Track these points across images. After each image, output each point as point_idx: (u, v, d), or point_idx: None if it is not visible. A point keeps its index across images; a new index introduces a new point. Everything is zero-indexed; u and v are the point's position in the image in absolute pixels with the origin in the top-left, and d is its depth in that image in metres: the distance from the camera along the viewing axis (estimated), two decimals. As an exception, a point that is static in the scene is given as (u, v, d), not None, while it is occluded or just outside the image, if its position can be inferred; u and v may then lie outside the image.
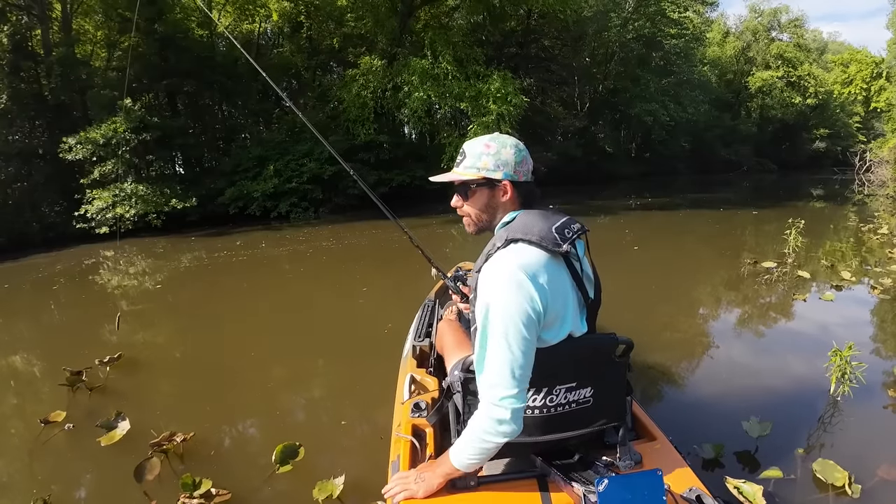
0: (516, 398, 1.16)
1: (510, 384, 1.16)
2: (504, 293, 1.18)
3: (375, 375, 3.23)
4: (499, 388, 1.16)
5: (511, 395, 1.16)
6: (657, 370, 3.24)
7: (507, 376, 1.16)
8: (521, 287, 1.18)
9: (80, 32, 15.90)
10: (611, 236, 9.10)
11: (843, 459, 2.10)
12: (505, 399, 1.16)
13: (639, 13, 23.81)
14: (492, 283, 1.20)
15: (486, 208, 1.38)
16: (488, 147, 1.34)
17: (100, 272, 8.72)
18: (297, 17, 18.19)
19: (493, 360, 1.17)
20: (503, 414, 1.16)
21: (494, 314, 1.18)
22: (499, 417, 1.16)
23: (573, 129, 25.43)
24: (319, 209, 14.58)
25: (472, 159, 1.36)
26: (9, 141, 12.64)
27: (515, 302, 1.17)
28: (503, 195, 1.36)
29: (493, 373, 1.17)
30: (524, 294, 1.17)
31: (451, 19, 17.97)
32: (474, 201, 1.39)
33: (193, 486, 2.13)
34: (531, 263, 1.21)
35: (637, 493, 1.15)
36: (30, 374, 4.10)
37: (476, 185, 1.36)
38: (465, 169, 1.37)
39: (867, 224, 8.94)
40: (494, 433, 1.17)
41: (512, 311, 1.16)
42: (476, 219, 1.41)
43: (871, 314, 4.30)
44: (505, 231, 1.29)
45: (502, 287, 1.18)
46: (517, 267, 1.19)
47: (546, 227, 1.26)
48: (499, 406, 1.16)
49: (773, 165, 34.95)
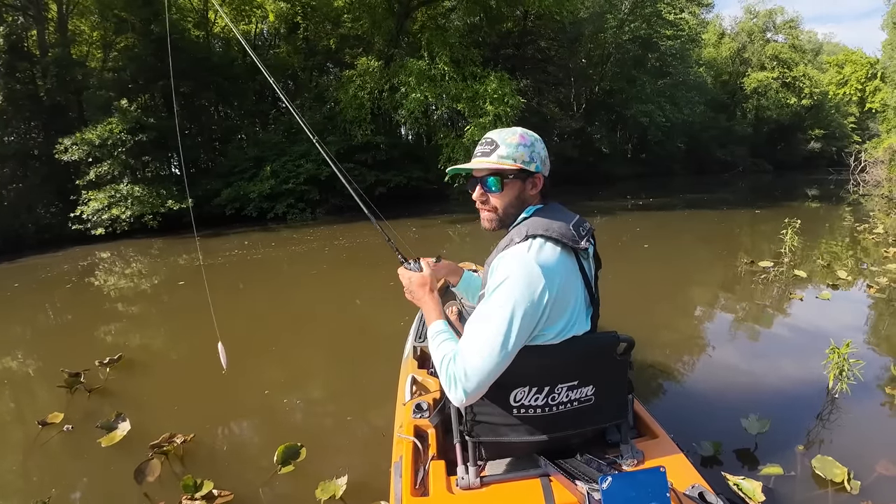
0: (474, 387, 1.17)
1: (481, 369, 1.16)
2: (518, 280, 1.19)
3: (376, 376, 3.23)
4: (475, 359, 1.17)
5: (473, 383, 1.17)
6: (656, 368, 3.26)
7: (487, 354, 1.16)
8: (535, 280, 1.19)
9: (76, 33, 15.85)
10: (610, 237, 9.13)
11: (842, 456, 2.12)
12: (470, 380, 1.16)
13: (635, 15, 23.92)
14: (509, 269, 1.21)
15: (515, 201, 1.36)
16: (523, 139, 1.33)
17: (96, 273, 8.68)
18: (293, 18, 18.19)
19: (483, 331, 1.18)
20: (460, 385, 1.17)
21: (502, 293, 1.19)
22: (456, 383, 1.18)
23: (569, 130, 25.49)
24: (316, 210, 14.56)
25: (508, 149, 1.32)
26: (4, 142, 12.59)
27: (526, 292, 1.18)
28: (532, 188, 1.36)
29: (478, 341, 1.18)
30: (535, 287, 1.18)
31: (447, 20, 17.99)
32: (507, 193, 1.35)
33: (195, 488, 2.13)
34: (549, 259, 1.23)
35: (641, 491, 1.15)
36: (27, 375, 4.08)
37: (513, 176, 1.34)
38: (500, 158, 1.32)
39: (863, 224, 8.99)
40: (446, 380, 1.20)
41: (520, 298, 1.17)
42: (503, 213, 1.37)
43: (868, 313, 4.33)
44: (524, 227, 1.29)
45: (518, 274, 1.19)
46: (535, 260, 1.21)
47: (565, 224, 1.28)
48: (463, 379, 1.17)
49: (769, 166, 35.16)
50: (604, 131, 27.26)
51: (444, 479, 1.37)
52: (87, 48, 16.45)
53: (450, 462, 1.43)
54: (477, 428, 1.35)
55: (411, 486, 1.39)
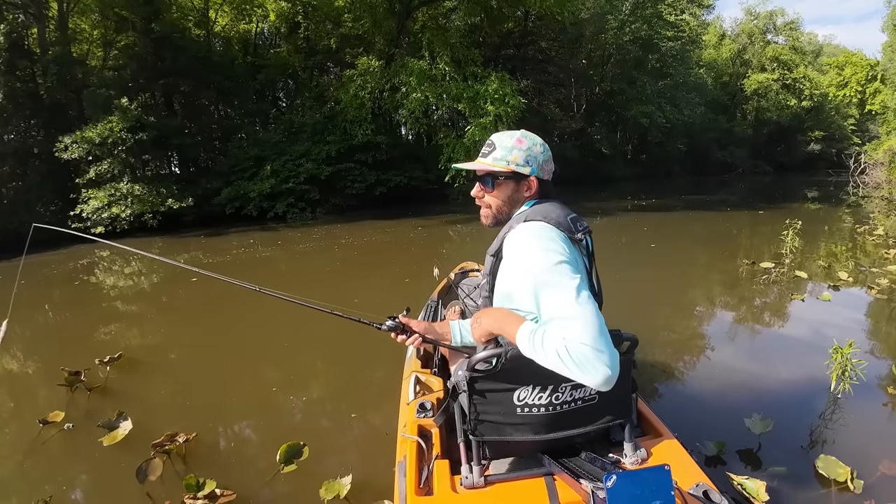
0: (608, 350, 1.02)
1: (595, 330, 1.02)
2: (535, 248, 1.19)
3: (379, 375, 3.23)
4: (579, 326, 1.02)
5: (603, 347, 1.02)
6: (658, 368, 3.26)
7: (582, 314, 1.04)
8: (551, 242, 1.20)
9: (77, 31, 15.84)
10: (610, 237, 9.14)
11: (845, 455, 2.12)
12: (595, 349, 1.01)
13: (635, 16, 23.94)
14: (520, 244, 1.23)
15: (508, 201, 1.42)
16: (521, 142, 1.39)
17: (95, 272, 8.67)
18: (294, 18, 18.19)
19: (559, 300, 1.07)
20: (599, 360, 1.00)
21: (533, 266, 1.15)
22: (593, 362, 1.00)
23: (570, 131, 25.53)
24: (317, 210, 14.56)
25: (503, 151, 1.39)
26: (4, 140, 12.59)
27: (547, 255, 1.16)
28: (526, 190, 1.41)
29: (565, 311, 1.05)
30: (555, 248, 1.18)
31: (448, 20, 18.00)
32: (499, 193, 1.42)
33: (197, 487, 2.12)
34: (554, 232, 1.25)
35: (645, 489, 1.15)
36: (27, 374, 4.06)
37: (504, 177, 1.40)
38: (494, 160, 1.39)
39: (863, 225, 8.99)
40: (577, 367, 1.01)
41: (547, 261, 1.14)
42: (496, 210, 1.44)
43: (868, 314, 4.34)
44: (523, 215, 1.33)
45: (532, 244, 1.20)
46: (542, 229, 1.23)
47: (562, 214, 1.31)
48: (590, 353, 1.00)
49: (769, 167, 35.20)
50: (604, 132, 27.32)
51: (448, 479, 1.37)
52: (87, 47, 16.44)
53: (454, 461, 1.43)
54: (481, 427, 1.35)
55: (415, 485, 1.38)
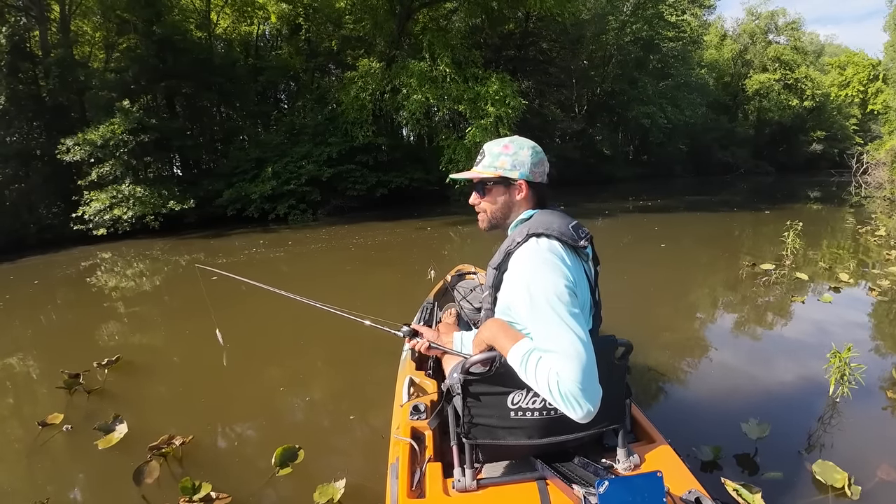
0: (592, 390, 1.10)
1: (584, 370, 1.09)
2: (541, 273, 1.22)
3: (374, 378, 3.23)
4: (570, 366, 1.09)
5: (581, 389, 1.08)
6: (655, 372, 3.24)
7: (576, 352, 1.10)
8: (556, 267, 1.23)
9: (79, 34, 15.90)
10: (611, 238, 9.12)
11: (843, 460, 2.11)
12: (582, 389, 1.08)
13: (636, 16, 23.93)
14: (525, 266, 1.25)
15: (501, 205, 1.45)
16: (507, 148, 1.42)
17: (97, 274, 8.69)
18: (295, 20, 18.23)
19: (554, 336, 1.14)
20: (581, 399, 1.08)
21: (536, 294, 1.19)
22: (577, 400, 1.08)
23: (571, 132, 25.51)
24: (318, 211, 14.58)
25: (490, 159, 1.43)
26: (6, 142, 12.62)
27: (553, 281, 1.20)
28: (518, 193, 1.43)
29: (560, 347, 1.12)
30: (560, 272, 1.22)
31: (449, 22, 18.02)
32: (491, 198, 1.46)
33: (193, 490, 2.12)
34: (557, 249, 1.27)
35: (637, 495, 1.14)
36: (27, 375, 4.08)
37: (493, 183, 1.44)
38: (483, 168, 1.44)
39: (864, 226, 8.96)
40: (564, 403, 1.09)
41: (552, 288, 1.19)
42: (491, 215, 1.47)
43: (869, 316, 4.31)
44: (524, 227, 1.34)
45: (538, 268, 1.23)
46: (548, 250, 1.26)
47: (564, 224, 1.32)
48: (577, 392, 1.08)
49: (770, 168, 35.10)
50: (605, 133, 27.29)
51: (440, 482, 1.36)
52: (89, 49, 16.50)
53: (446, 464, 1.43)
54: (474, 430, 1.35)
55: (407, 487, 1.38)
